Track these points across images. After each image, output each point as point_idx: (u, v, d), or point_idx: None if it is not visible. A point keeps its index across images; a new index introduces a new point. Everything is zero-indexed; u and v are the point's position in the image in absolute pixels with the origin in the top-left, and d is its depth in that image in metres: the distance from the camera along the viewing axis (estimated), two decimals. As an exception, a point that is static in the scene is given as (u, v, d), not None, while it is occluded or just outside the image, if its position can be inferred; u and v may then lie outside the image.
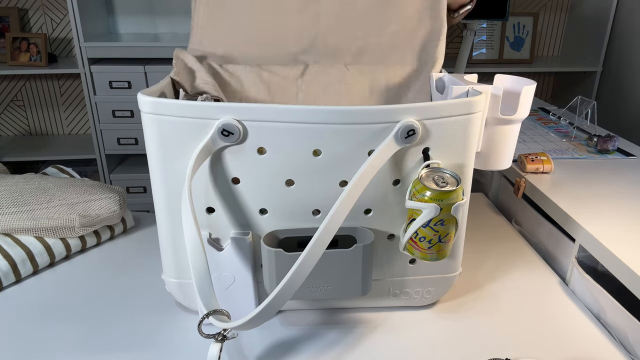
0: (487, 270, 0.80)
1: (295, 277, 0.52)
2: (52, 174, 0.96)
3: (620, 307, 0.65)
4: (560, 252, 0.82)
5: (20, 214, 0.78)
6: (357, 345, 0.64)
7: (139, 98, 0.57)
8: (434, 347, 0.64)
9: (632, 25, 2.08)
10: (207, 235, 0.62)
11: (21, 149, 2.29)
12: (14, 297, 0.73)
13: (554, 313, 0.70)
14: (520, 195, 0.94)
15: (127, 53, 2.06)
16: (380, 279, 0.67)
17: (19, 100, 2.41)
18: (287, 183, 0.59)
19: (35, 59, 2.16)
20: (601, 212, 0.80)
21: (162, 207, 0.62)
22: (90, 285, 0.76)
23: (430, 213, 0.54)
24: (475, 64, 2.34)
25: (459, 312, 0.70)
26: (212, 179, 0.59)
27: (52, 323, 0.67)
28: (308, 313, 0.70)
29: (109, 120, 2.14)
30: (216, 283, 0.64)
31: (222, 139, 0.56)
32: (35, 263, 0.78)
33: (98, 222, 0.84)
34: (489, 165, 0.66)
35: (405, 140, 0.56)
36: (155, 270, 0.79)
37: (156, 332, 0.66)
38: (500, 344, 0.64)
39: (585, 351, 0.63)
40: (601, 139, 1.06)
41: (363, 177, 0.55)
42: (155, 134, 0.57)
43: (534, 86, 0.62)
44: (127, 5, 2.30)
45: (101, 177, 2.24)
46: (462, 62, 1.86)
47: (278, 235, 0.62)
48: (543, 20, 2.46)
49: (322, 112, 0.55)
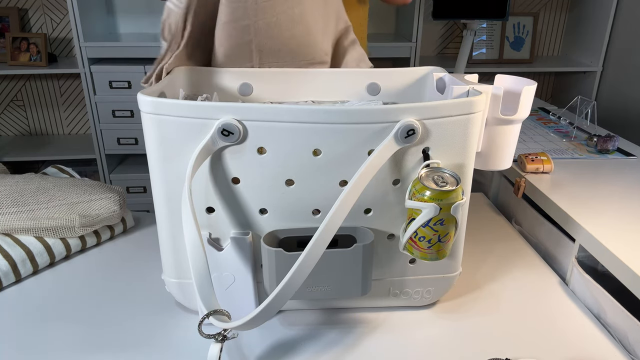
0: (487, 270, 0.80)
1: (295, 277, 0.52)
2: (52, 174, 0.96)
3: (620, 307, 0.65)
4: (560, 252, 0.82)
5: (20, 214, 0.78)
6: (357, 345, 0.64)
7: (138, 98, 0.57)
8: (433, 347, 0.64)
9: (632, 25, 2.08)
10: (207, 235, 0.62)
11: (21, 149, 2.29)
12: (14, 297, 0.73)
13: (554, 313, 0.70)
14: (520, 195, 0.94)
15: (127, 53, 2.06)
16: (380, 278, 0.67)
17: (19, 100, 2.41)
18: (287, 183, 0.59)
19: (35, 59, 2.16)
20: (601, 212, 0.80)
21: (162, 207, 0.62)
22: (90, 285, 0.76)
23: (430, 213, 0.54)
24: (475, 64, 2.34)
25: (459, 312, 0.70)
26: (212, 179, 0.59)
27: (52, 323, 0.67)
28: (308, 313, 0.70)
29: (109, 120, 2.14)
30: (216, 283, 0.64)
31: (222, 139, 0.56)
32: (35, 263, 0.78)
33: (98, 222, 0.84)
34: (489, 165, 0.66)
35: (405, 140, 0.56)
36: (155, 270, 0.79)
37: (156, 332, 0.66)
38: (500, 344, 0.64)
39: (585, 351, 0.63)
40: (601, 139, 1.06)
41: (363, 176, 0.55)
42: (155, 134, 0.57)
43: (534, 86, 0.62)
44: (127, 5, 2.30)
45: (101, 177, 2.24)
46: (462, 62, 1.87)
47: (278, 235, 0.62)
48: (543, 20, 2.46)
49: (322, 112, 0.55)
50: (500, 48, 2.36)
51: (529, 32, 2.37)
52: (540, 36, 2.49)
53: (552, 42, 2.51)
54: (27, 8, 2.26)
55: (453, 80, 0.68)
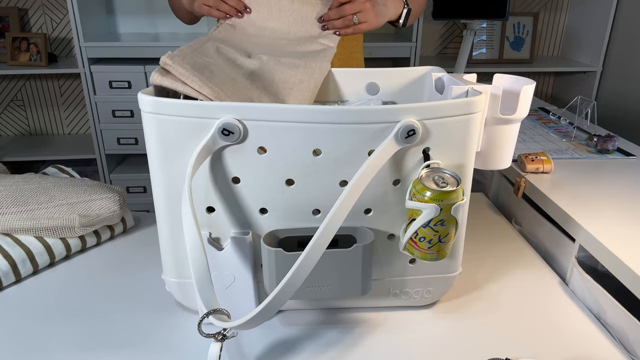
0: (486, 270, 0.80)
1: (295, 277, 0.52)
2: (52, 174, 0.96)
3: (620, 307, 0.65)
4: (560, 252, 0.82)
5: (20, 214, 0.78)
6: (357, 345, 0.64)
7: (139, 97, 0.57)
8: (433, 347, 0.64)
9: (632, 25, 2.08)
10: (207, 234, 0.62)
11: (21, 149, 2.29)
12: (14, 297, 0.73)
13: (553, 313, 0.70)
14: (520, 195, 0.94)
15: (127, 53, 2.06)
16: (380, 278, 0.67)
17: (19, 100, 2.41)
18: (287, 183, 0.59)
19: (35, 59, 2.15)
20: (601, 212, 0.80)
21: (162, 206, 0.62)
22: (90, 285, 0.76)
23: (430, 213, 0.54)
24: (475, 63, 2.34)
25: (459, 312, 0.70)
26: (212, 179, 0.59)
27: (52, 323, 0.67)
28: (308, 313, 0.70)
29: (109, 120, 2.14)
30: (216, 283, 0.64)
31: (223, 139, 0.56)
32: (35, 263, 0.78)
33: (98, 222, 0.84)
34: (488, 165, 0.66)
35: (406, 140, 0.56)
36: (155, 270, 0.79)
37: (156, 331, 0.66)
38: (500, 343, 0.64)
39: (585, 351, 0.63)
40: (601, 139, 1.06)
41: (363, 176, 0.55)
42: (156, 134, 0.57)
43: (533, 86, 0.62)
44: (127, 5, 2.30)
45: (101, 177, 2.24)
46: (462, 61, 1.86)
47: (278, 235, 0.62)
48: (543, 20, 2.46)
49: (322, 111, 0.55)
50: (500, 48, 2.36)
51: (529, 32, 2.36)
52: (540, 36, 2.49)
53: (552, 42, 2.51)
54: (27, 8, 2.26)
55: (452, 80, 0.68)
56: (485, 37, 2.35)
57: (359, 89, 0.80)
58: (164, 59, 0.64)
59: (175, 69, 0.63)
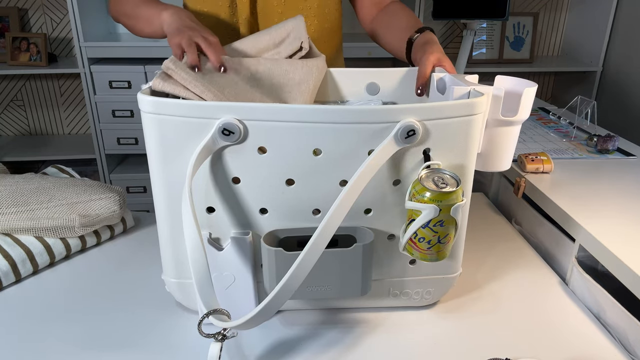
0: (486, 270, 0.80)
1: (295, 277, 0.52)
2: (52, 174, 0.96)
3: (620, 307, 0.65)
4: (560, 252, 0.82)
5: (20, 213, 0.78)
6: (357, 345, 0.64)
7: (139, 97, 0.57)
8: (433, 347, 0.64)
9: (632, 25, 2.08)
10: (207, 235, 0.62)
11: (21, 149, 2.28)
12: (14, 297, 0.73)
13: (553, 313, 0.70)
14: (520, 195, 0.94)
15: (127, 53, 2.06)
16: (380, 279, 0.67)
17: (19, 100, 2.41)
18: (287, 182, 0.59)
19: (35, 59, 2.15)
20: (601, 212, 0.80)
21: (162, 207, 0.62)
22: (90, 285, 0.76)
23: (430, 214, 0.54)
24: (475, 63, 2.34)
25: (459, 312, 0.70)
26: (213, 179, 0.59)
27: (52, 323, 0.67)
28: (308, 313, 0.70)
29: (108, 120, 2.14)
30: (216, 283, 0.64)
31: (223, 139, 0.56)
32: (35, 263, 0.78)
33: (98, 222, 0.84)
34: (488, 166, 0.66)
35: (405, 140, 0.56)
36: (155, 270, 0.79)
37: (156, 331, 0.66)
38: (500, 343, 0.64)
39: (585, 351, 0.63)
40: (601, 138, 1.06)
41: (362, 176, 0.55)
42: (156, 134, 0.57)
43: (535, 88, 0.62)
44: (127, 5, 2.30)
45: (101, 177, 2.24)
46: (462, 62, 1.86)
47: (278, 234, 0.62)
48: (543, 20, 2.46)
49: (322, 111, 0.55)
50: (500, 48, 2.36)
51: (529, 32, 2.36)
52: (540, 36, 2.49)
53: (552, 42, 2.51)
54: (27, 8, 2.26)
55: (454, 81, 0.68)
56: (485, 37, 2.35)
57: (359, 89, 0.80)
58: (167, 63, 0.64)
59: (178, 73, 0.64)
